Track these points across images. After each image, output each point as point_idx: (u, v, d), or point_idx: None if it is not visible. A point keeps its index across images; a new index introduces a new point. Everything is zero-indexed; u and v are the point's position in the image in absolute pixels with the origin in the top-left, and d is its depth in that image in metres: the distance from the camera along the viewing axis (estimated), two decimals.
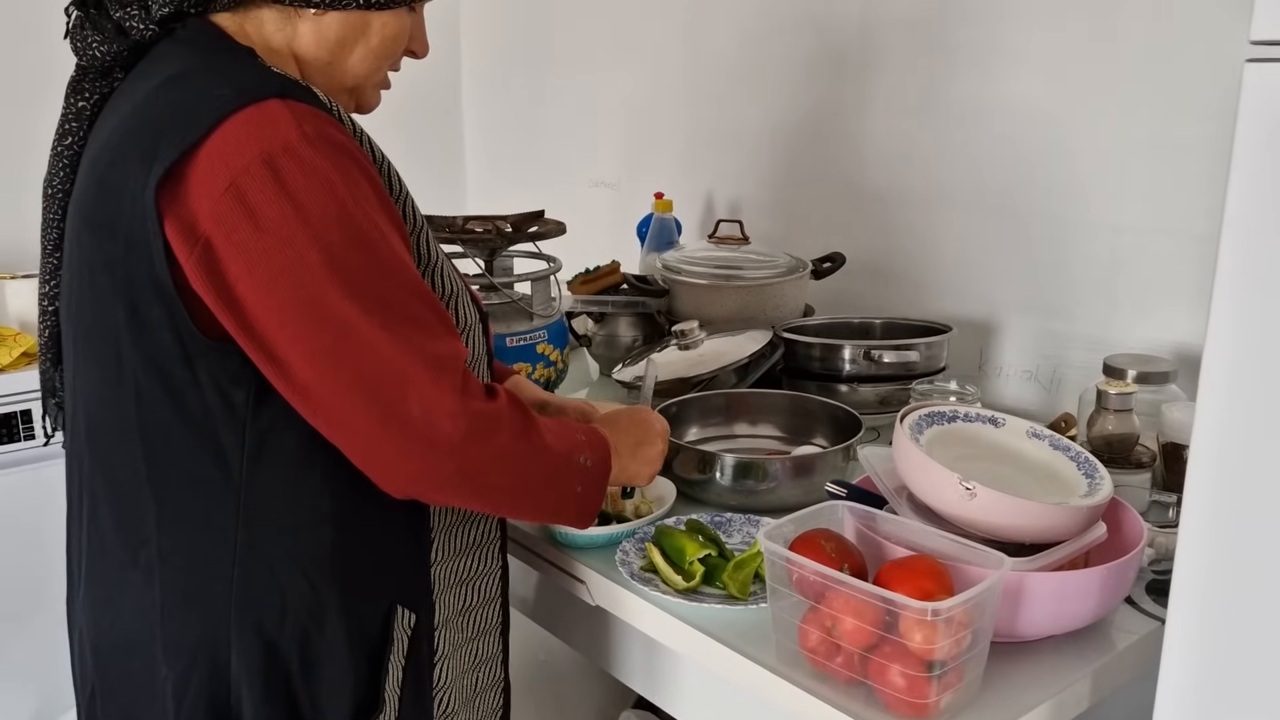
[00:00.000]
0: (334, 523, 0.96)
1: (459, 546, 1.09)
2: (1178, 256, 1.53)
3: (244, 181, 0.85)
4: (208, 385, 0.91)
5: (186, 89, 0.90)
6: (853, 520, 1.07)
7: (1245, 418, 0.71)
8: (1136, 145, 1.56)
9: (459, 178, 3.03)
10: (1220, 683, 0.75)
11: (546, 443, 0.99)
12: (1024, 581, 0.97)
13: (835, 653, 0.96)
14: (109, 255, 0.90)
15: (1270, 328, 0.69)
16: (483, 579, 1.12)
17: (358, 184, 0.90)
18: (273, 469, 0.94)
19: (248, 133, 0.86)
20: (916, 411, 1.15)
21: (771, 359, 1.64)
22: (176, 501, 0.94)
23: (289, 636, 0.96)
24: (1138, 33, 1.53)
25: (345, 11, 0.98)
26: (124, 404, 0.93)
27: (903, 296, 1.91)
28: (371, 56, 1.02)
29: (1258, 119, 0.67)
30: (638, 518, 1.27)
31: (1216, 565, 0.74)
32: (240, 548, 0.94)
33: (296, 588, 0.95)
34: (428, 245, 1.02)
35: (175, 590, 0.95)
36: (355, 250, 0.88)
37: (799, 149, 2.06)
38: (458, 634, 1.10)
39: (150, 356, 0.91)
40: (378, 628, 1.00)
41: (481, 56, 2.90)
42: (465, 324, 1.05)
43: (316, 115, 0.90)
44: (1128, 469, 1.29)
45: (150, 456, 0.94)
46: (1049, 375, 1.72)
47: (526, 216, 1.74)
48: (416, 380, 0.89)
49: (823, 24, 1.96)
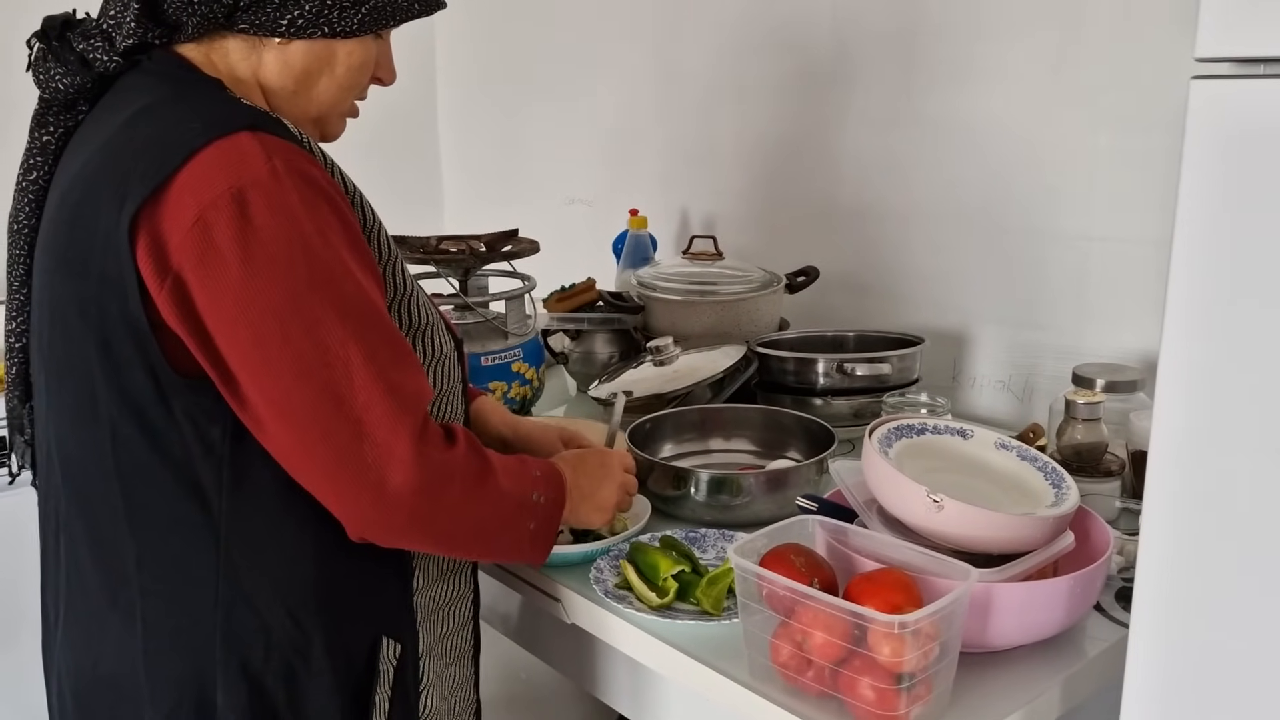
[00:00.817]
0: (316, 557, 0.96)
1: (436, 572, 1.09)
2: (1144, 265, 1.55)
3: (211, 215, 0.85)
4: (184, 423, 0.90)
5: (156, 123, 0.90)
6: (823, 534, 1.07)
7: (1201, 424, 0.72)
8: (1102, 156, 1.58)
9: (435, 196, 3.03)
10: (1184, 687, 0.76)
11: (501, 488, 0.99)
12: (992, 592, 0.98)
13: (806, 667, 0.96)
14: (81, 294, 0.90)
15: (1221, 335, 0.70)
16: (457, 604, 1.12)
17: (325, 219, 0.89)
18: (252, 506, 0.93)
19: (217, 167, 0.86)
20: (885, 425, 1.16)
21: (746, 373, 1.65)
22: (156, 541, 0.94)
23: (274, 673, 0.95)
24: (1103, 46, 1.55)
25: (310, 40, 0.98)
26: (100, 443, 0.93)
27: (877, 309, 1.92)
28: (337, 86, 1.02)
29: (1203, 134, 0.68)
30: (613, 535, 1.28)
31: (1178, 570, 0.75)
32: (223, 586, 0.93)
33: (280, 624, 0.95)
34: (401, 276, 1.02)
35: (158, 631, 0.95)
36: (318, 287, 0.88)
37: (772, 164, 2.07)
38: (439, 660, 1.10)
39: (125, 395, 0.90)
40: (363, 660, 1.00)
41: (457, 75, 2.91)
42: (440, 354, 1.05)
43: (287, 148, 0.89)
44: (1097, 477, 1.30)
45: (128, 496, 0.93)
46: (1021, 385, 1.73)
47: (500, 236, 1.75)
48: (372, 426, 0.89)
49: (795, 41, 1.97)
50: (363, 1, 0.98)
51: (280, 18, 0.95)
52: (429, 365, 1.04)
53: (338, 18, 0.97)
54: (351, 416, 0.88)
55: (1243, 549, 0.71)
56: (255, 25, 0.95)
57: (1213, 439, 0.72)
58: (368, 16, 0.99)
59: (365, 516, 0.92)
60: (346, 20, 0.98)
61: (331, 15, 0.97)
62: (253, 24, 0.95)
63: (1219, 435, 0.71)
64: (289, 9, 0.95)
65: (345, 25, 0.98)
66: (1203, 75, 0.68)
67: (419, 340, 1.03)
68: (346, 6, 0.97)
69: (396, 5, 1.01)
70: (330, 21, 0.97)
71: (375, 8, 0.99)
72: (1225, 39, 0.66)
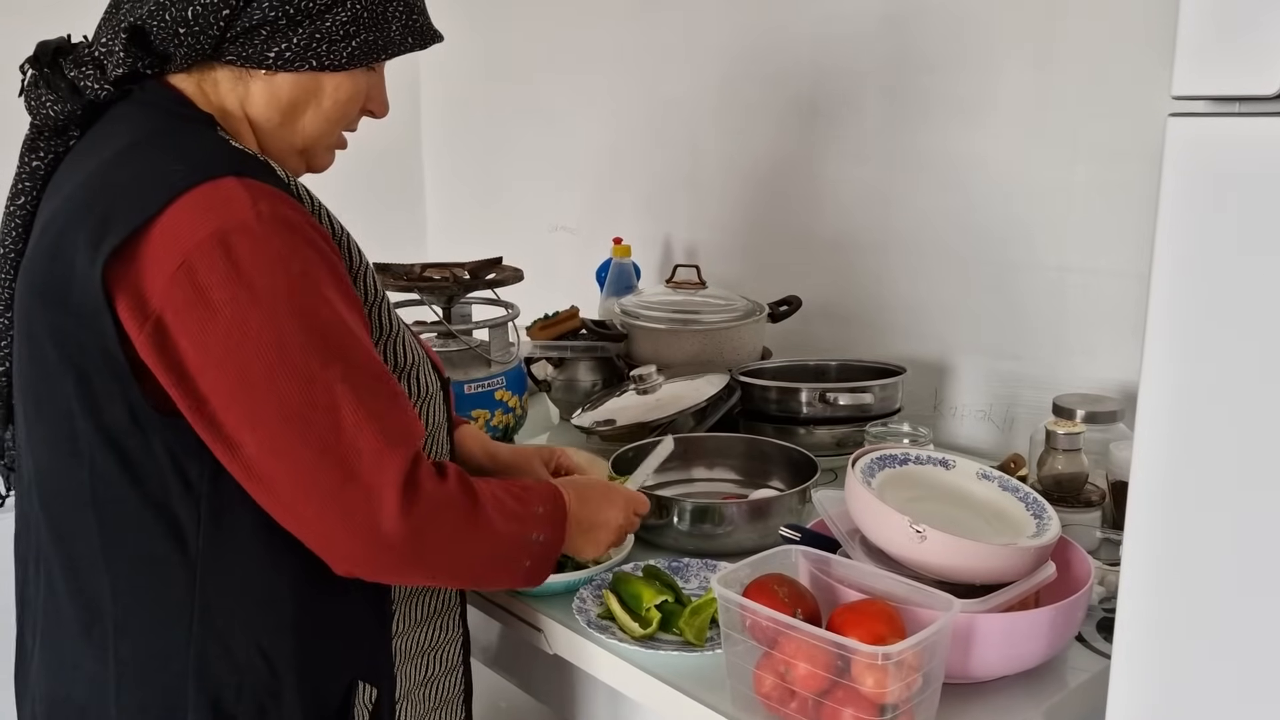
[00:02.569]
0: (293, 599, 0.95)
1: (419, 617, 1.07)
2: (1123, 296, 1.57)
3: (196, 260, 0.84)
4: (163, 459, 0.90)
5: (140, 162, 0.90)
6: (806, 564, 1.07)
7: (1181, 454, 0.73)
8: (1079, 189, 1.60)
9: (419, 224, 3.04)
10: (1166, 718, 0.76)
11: (494, 526, 0.98)
12: (974, 623, 0.98)
13: (790, 698, 0.96)
14: (56, 326, 0.89)
15: (1200, 367, 0.71)
16: (444, 648, 1.11)
17: (310, 262, 0.89)
18: (230, 545, 0.92)
19: (201, 211, 0.85)
20: (868, 455, 1.16)
21: (729, 402, 1.65)
22: (131, 576, 0.93)
23: (246, 712, 0.94)
24: (1081, 81, 1.57)
25: (297, 73, 0.98)
26: (78, 476, 0.92)
27: (860, 338, 1.93)
28: (323, 119, 1.01)
29: (1180, 170, 0.70)
30: (595, 564, 1.27)
31: (1159, 601, 0.75)
32: (196, 624, 0.93)
33: (253, 665, 0.94)
34: (388, 317, 1.01)
35: (130, 663, 0.94)
36: (305, 331, 0.87)
37: (755, 194, 2.09)
38: (420, 705, 1.08)
39: (104, 429, 0.89)
40: (337, 703, 0.99)
41: (441, 104, 2.92)
42: (427, 393, 1.05)
43: (272, 194, 0.89)
44: (1078, 508, 1.31)
45: (104, 530, 0.92)
46: (1002, 415, 1.74)
47: (484, 264, 1.75)
48: (360, 469, 0.88)
49: (779, 72, 1.99)
50: (353, 35, 0.97)
51: (268, 50, 0.95)
52: (416, 404, 1.03)
53: (326, 51, 0.97)
54: (339, 459, 0.88)
55: (1223, 579, 0.72)
56: (243, 57, 0.95)
57: (1192, 470, 0.72)
58: (358, 50, 0.99)
59: (353, 556, 0.91)
60: (335, 54, 0.97)
61: (320, 49, 0.97)
62: (240, 56, 0.95)
63: (1199, 466, 0.72)
64: (277, 41, 0.95)
65: (334, 59, 0.98)
66: (1179, 113, 0.69)
67: (406, 380, 1.03)
68: (336, 40, 0.97)
69: (389, 39, 1.00)
70: (319, 55, 0.97)
71: (366, 41, 0.99)
72: (1202, 77, 0.68)
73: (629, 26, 2.29)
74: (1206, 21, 0.67)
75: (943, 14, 1.73)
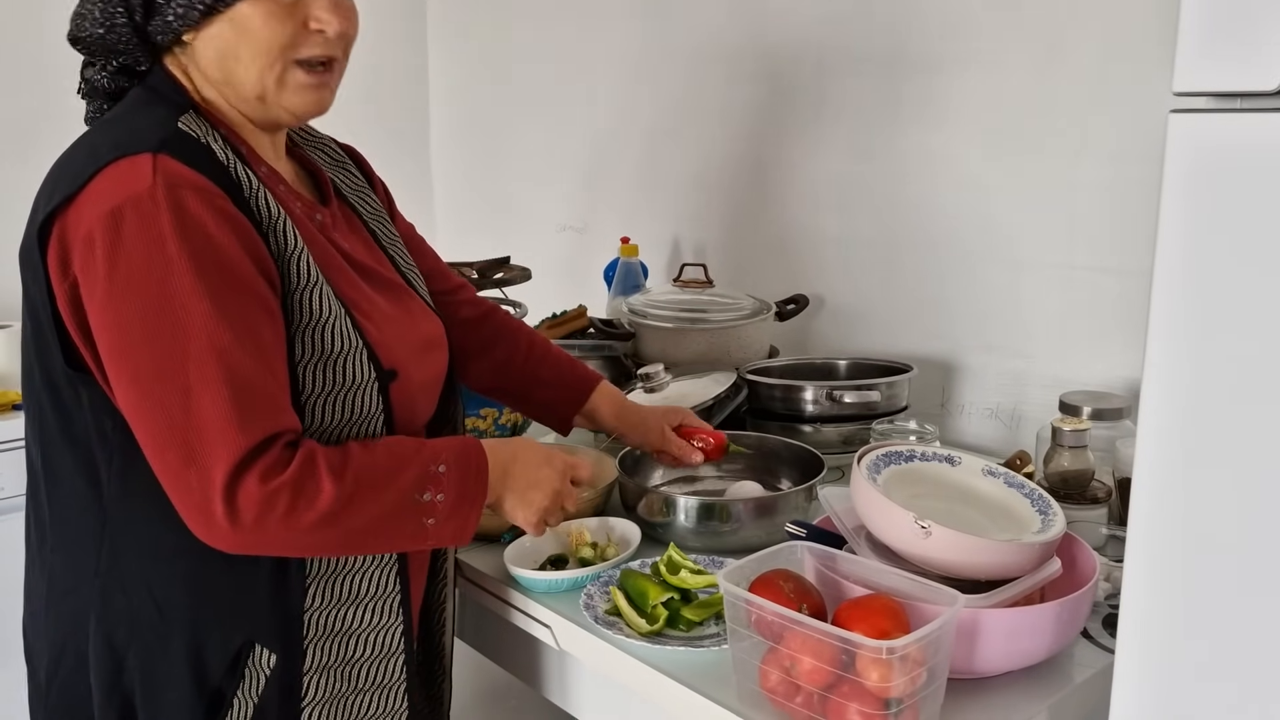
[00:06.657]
0: (187, 555, 0.98)
1: (342, 596, 1.06)
2: (1129, 294, 1.57)
3: (96, 231, 0.91)
4: (87, 409, 0.98)
5: (88, 139, 1.00)
6: (812, 560, 1.08)
7: (1185, 451, 0.73)
8: (1084, 187, 1.60)
9: (428, 225, 3.03)
10: (1170, 714, 0.76)
11: (361, 497, 0.96)
12: (979, 618, 0.99)
13: (795, 692, 0.96)
14: (25, 282, 0.99)
15: (1202, 363, 0.71)
16: (377, 633, 1.09)
17: (196, 244, 0.92)
18: (134, 498, 0.99)
19: (109, 185, 0.92)
20: (874, 452, 1.16)
21: (736, 400, 1.66)
22: (62, 510, 1.03)
23: (134, 656, 1.00)
24: (1084, 78, 1.57)
25: (206, 25, 0.99)
26: (33, 414, 1.04)
27: (866, 337, 1.93)
28: (256, 54, 1.00)
29: (1182, 166, 0.70)
30: (602, 560, 1.28)
31: (1164, 597, 0.76)
32: (102, 565, 1.01)
33: (145, 611, 1.00)
34: (317, 302, 1.00)
35: (56, 587, 1.05)
36: (170, 311, 0.91)
37: (762, 193, 2.09)
38: (340, 684, 1.07)
39: (47, 375, 1.00)
40: (226, 662, 1.01)
41: (448, 105, 2.92)
42: (352, 383, 1.02)
43: (180, 174, 0.93)
44: (1084, 504, 1.31)
45: (47, 464, 1.04)
46: (1010, 413, 1.74)
47: (492, 263, 1.76)
48: (198, 451, 0.91)
49: (782, 72, 2.00)
50: None
51: (169, 17, 0.99)
52: (337, 393, 1.01)
53: None
54: (182, 440, 0.91)
55: (1227, 576, 0.72)
56: (163, 35, 1.00)
57: (1196, 466, 0.73)
58: None
59: (199, 532, 0.94)
60: None
61: None
62: (163, 36, 1.00)
63: (1202, 462, 0.72)
64: (172, 6, 0.98)
65: None
66: (1181, 109, 0.69)
67: (326, 367, 1.01)
68: None
69: None
70: None
71: None
72: (1203, 73, 0.68)
73: (637, 26, 2.30)
74: (1207, 18, 0.67)
75: (946, 14, 1.73)
